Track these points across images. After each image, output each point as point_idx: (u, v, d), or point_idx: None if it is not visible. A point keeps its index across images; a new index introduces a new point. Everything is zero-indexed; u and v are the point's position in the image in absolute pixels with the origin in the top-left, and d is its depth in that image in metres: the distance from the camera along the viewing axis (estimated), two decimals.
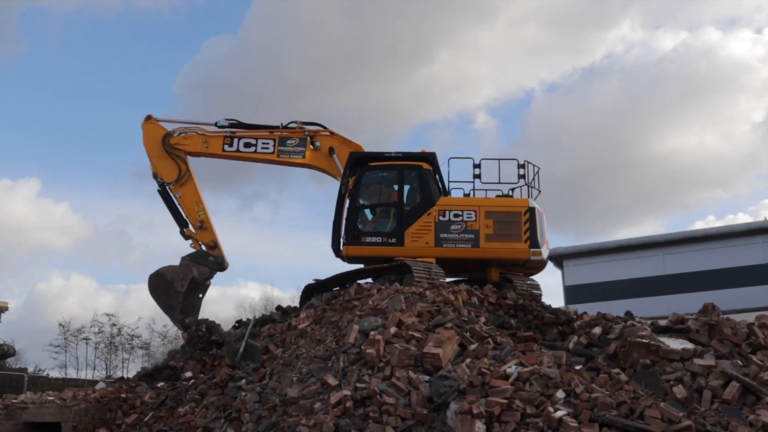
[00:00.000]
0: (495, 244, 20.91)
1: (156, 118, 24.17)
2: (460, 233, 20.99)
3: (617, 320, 16.95)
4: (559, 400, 12.09)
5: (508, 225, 21.05)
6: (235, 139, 23.67)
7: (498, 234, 20.92)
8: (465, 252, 20.96)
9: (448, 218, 21.20)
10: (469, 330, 15.49)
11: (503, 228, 20.98)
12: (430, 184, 21.80)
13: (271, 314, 22.61)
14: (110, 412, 18.28)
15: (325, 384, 14.25)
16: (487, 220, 20.99)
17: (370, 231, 22.19)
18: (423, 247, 21.15)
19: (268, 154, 23.51)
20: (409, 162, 22.27)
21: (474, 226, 20.99)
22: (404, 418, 12.61)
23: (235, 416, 15.15)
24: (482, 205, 21.41)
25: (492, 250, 20.95)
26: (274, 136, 23.48)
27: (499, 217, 21.11)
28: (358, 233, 22.04)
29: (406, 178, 22.16)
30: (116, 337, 55.23)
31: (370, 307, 17.23)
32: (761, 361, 13.42)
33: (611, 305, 28.28)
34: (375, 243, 21.93)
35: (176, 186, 23.86)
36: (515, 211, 21.29)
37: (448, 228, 21.10)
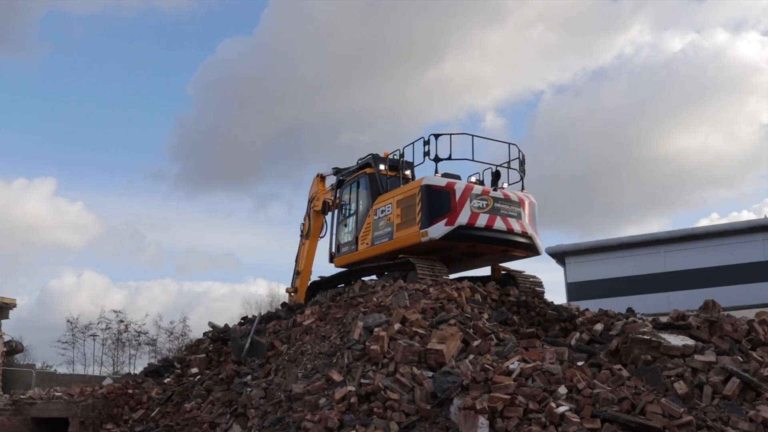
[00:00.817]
0: (402, 232, 20.41)
1: (323, 175, 26.59)
2: (384, 228, 21.02)
3: (619, 317, 16.94)
4: (561, 395, 12.09)
5: (409, 209, 20.39)
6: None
7: (404, 221, 20.41)
8: (385, 246, 20.87)
9: (379, 216, 21.36)
10: (473, 326, 15.50)
11: (406, 214, 20.38)
12: (371, 187, 22.18)
13: (276, 311, 22.69)
14: (117, 407, 18.32)
15: (329, 380, 14.26)
16: (398, 209, 20.67)
17: (344, 241, 23.14)
18: (365, 249, 21.58)
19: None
20: (359, 171, 22.93)
21: (391, 218, 20.83)
22: (408, 413, 12.62)
23: (240, 412, 15.17)
24: (395, 195, 21.13)
25: (400, 239, 20.47)
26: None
27: (404, 203, 20.58)
28: (339, 245, 23.29)
29: (360, 186, 22.78)
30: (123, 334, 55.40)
31: (375, 303, 17.26)
32: (761, 357, 13.42)
33: (613, 302, 28.39)
34: (345, 252, 22.82)
35: (303, 237, 26.82)
36: (412, 194, 20.50)
37: (379, 225, 21.25)
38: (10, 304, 33.77)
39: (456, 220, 19.76)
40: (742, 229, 38.20)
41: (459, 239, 19.99)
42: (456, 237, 19.87)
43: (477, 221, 20.08)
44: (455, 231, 19.76)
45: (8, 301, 33.62)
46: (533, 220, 21.59)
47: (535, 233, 21.51)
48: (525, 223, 21.15)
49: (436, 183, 20.10)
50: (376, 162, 22.54)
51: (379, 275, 21.27)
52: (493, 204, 20.55)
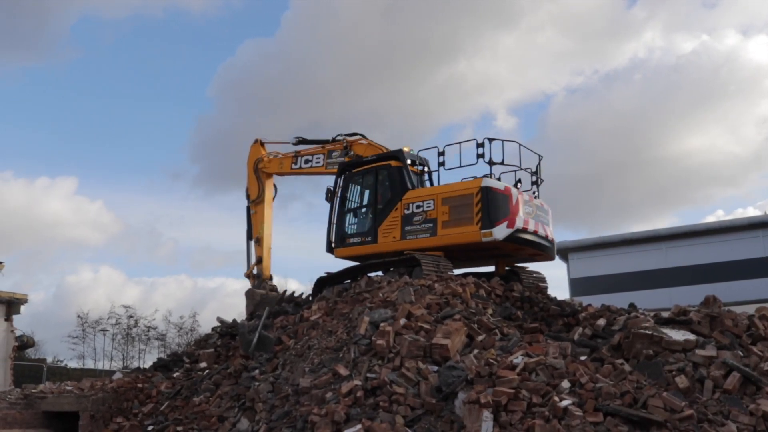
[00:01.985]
0: (450, 230, 20.38)
1: (262, 141, 26.87)
2: (421, 224, 20.87)
3: (621, 312, 16.92)
4: (564, 389, 12.11)
5: (462, 209, 20.35)
6: (299, 158, 25.51)
7: (453, 219, 20.39)
8: (424, 242, 20.73)
9: (412, 211, 21.17)
10: (477, 321, 15.52)
11: (457, 213, 20.38)
12: (397, 180, 21.91)
13: (284, 306, 22.66)
14: (127, 401, 18.37)
15: (336, 374, 14.29)
16: (444, 207, 20.60)
17: (353, 232, 22.81)
18: (391, 242, 21.35)
19: (320, 168, 24.93)
20: (381, 162, 22.59)
21: (433, 214, 20.72)
22: (414, 407, 12.65)
23: (248, 405, 15.20)
24: (439, 192, 21.09)
25: (447, 237, 20.43)
26: (324, 150, 24.77)
27: (454, 202, 20.57)
28: (344, 235, 22.77)
29: (379, 178, 22.42)
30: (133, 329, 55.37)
31: (381, 299, 17.27)
32: (761, 351, 13.42)
33: (615, 297, 28.29)
34: (356, 243, 22.46)
35: (253, 204, 26.49)
36: (467, 193, 20.47)
37: (412, 220, 21.06)
38: (21, 299, 33.74)
39: (515, 223, 20.07)
40: (742, 226, 38.12)
41: (516, 242, 20.22)
42: (514, 239, 20.10)
43: (528, 226, 20.56)
44: (513, 234, 20.02)
45: (20, 296, 33.62)
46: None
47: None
48: (550, 229, 21.87)
49: (496, 186, 20.30)
50: (404, 156, 22.45)
51: (385, 271, 21.21)
52: (536, 210, 21.16)
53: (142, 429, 16.86)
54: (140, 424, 17.12)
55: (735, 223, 38.77)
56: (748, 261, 36.80)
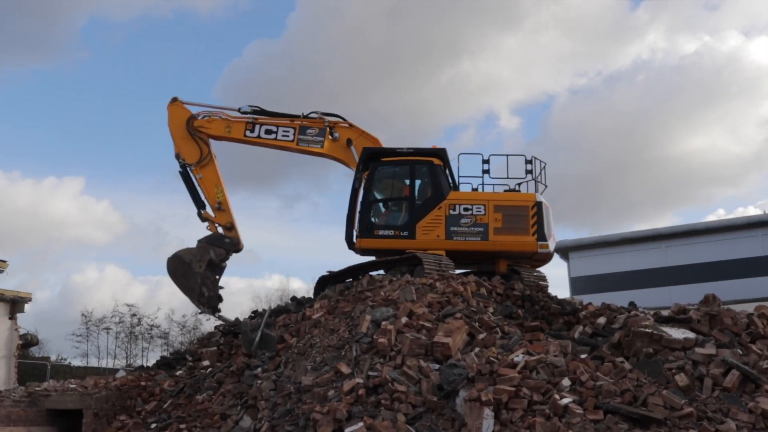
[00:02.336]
0: (503, 237, 20.84)
1: (182, 101, 24.05)
2: (470, 226, 20.93)
3: (621, 310, 16.96)
4: (565, 387, 12.14)
5: (517, 218, 20.98)
6: (257, 126, 23.51)
7: (506, 227, 20.87)
8: (475, 245, 20.91)
9: (458, 212, 21.13)
10: (478, 320, 15.53)
11: (511, 221, 20.92)
12: (440, 179, 21.72)
13: (286, 305, 22.66)
14: (130, 399, 18.36)
15: (338, 372, 14.29)
16: (496, 214, 20.95)
17: (383, 224, 22.13)
18: (434, 240, 21.10)
19: (287, 142, 23.37)
20: (420, 158, 22.20)
21: (483, 219, 20.92)
22: (415, 405, 12.67)
23: (251, 403, 15.20)
24: (491, 199, 21.36)
25: (501, 243, 20.86)
26: (295, 125, 23.35)
27: (508, 211, 21.04)
28: (371, 226, 21.99)
29: (417, 173, 22.13)
30: (136, 327, 55.37)
31: (382, 297, 17.27)
32: (760, 350, 13.45)
33: (615, 296, 28.26)
34: (387, 236, 21.84)
35: (197, 167, 23.75)
36: (523, 205, 21.22)
37: (458, 221, 21.01)
38: (25, 298, 33.76)
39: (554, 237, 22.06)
40: (742, 225, 38.17)
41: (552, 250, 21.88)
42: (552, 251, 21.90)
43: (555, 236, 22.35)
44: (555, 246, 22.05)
45: (24, 295, 33.63)
46: None
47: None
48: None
49: (545, 202, 21.61)
50: (447, 156, 22.40)
51: (387, 270, 21.15)
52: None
53: (146, 427, 16.85)
54: (143, 422, 17.12)
55: (734, 222, 38.85)
56: (747, 260, 36.85)
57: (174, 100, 24.11)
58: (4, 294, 32.63)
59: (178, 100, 24.09)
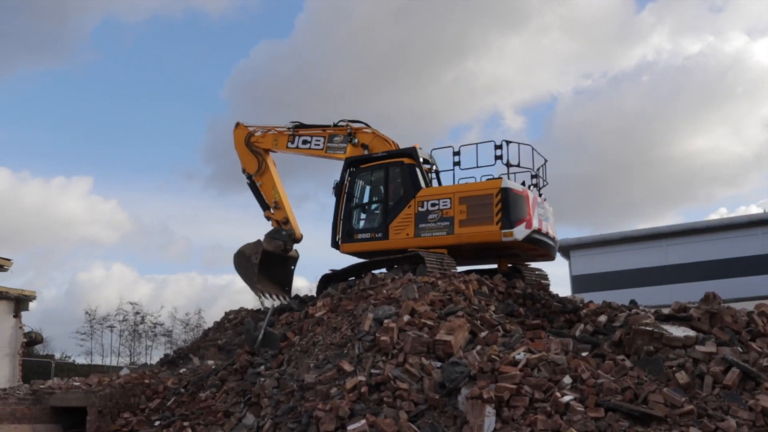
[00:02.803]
0: (468, 228, 20.33)
1: (243, 124, 26.95)
2: (437, 221, 20.71)
3: (622, 309, 16.95)
4: (566, 385, 12.13)
5: (481, 208, 20.30)
6: (296, 137, 25.51)
7: (471, 218, 20.33)
8: (440, 240, 20.62)
9: (426, 208, 21.02)
10: (480, 318, 15.53)
11: (476, 212, 20.35)
12: (411, 178, 21.74)
13: (288, 303, 22.68)
14: (134, 396, 18.37)
15: (341, 370, 14.29)
16: (461, 206, 20.49)
17: (361, 228, 22.58)
18: (404, 239, 21.20)
19: (318, 150, 24.95)
20: (392, 159, 22.41)
21: (449, 213, 20.61)
22: (417, 402, 12.66)
23: (254, 401, 15.21)
24: (456, 191, 20.98)
25: (466, 235, 20.37)
26: (326, 134, 24.73)
27: (472, 201, 20.53)
28: (351, 231, 22.51)
29: (390, 175, 22.26)
30: (140, 325, 55.49)
31: (384, 296, 17.28)
32: (760, 347, 13.44)
33: (616, 294, 28.32)
34: (365, 239, 22.26)
35: (257, 176, 26.47)
36: (487, 193, 20.44)
37: (426, 218, 20.91)
38: (29, 296, 33.82)
39: (532, 224, 20.29)
40: (742, 224, 38.20)
41: (531, 242, 20.37)
42: (531, 240, 20.27)
43: (542, 227, 20.85)
44: (531, 234, 20.19)
45: (28, 293, 33.69)
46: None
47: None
48: (554, 228, 22.05)
49: (515, 187, 20.41)
50: (418, 154, 22.32)
51: (389, 268, 21.17)
52: (546, 211, 21.46)
53: (149, 424, 16.87)
54: (147, 420, 17.13)
55: (734, 221, 38.87)
56: (747, 258, 36.88)
57: (237, 125, 27.14)
58: (9, 292, 32.70)
59: (241, 124, 27.04)
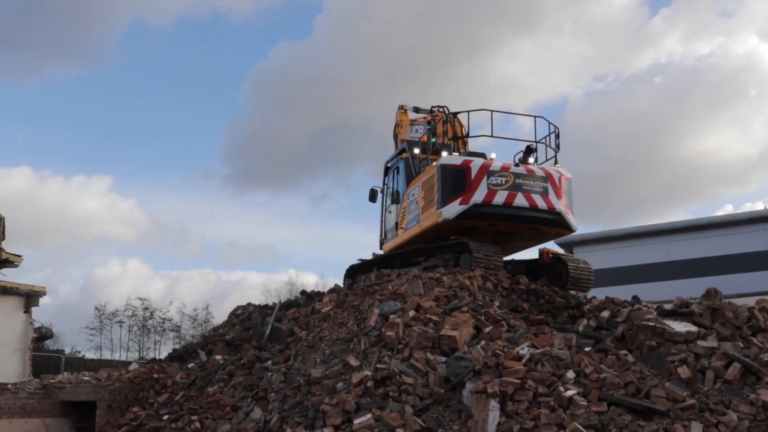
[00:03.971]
0: (424, 214, 19.58)
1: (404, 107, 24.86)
2: (414, 211, 20.31)
3: (624, 304, 16.93)
4: (569, 380, 12.14)
5: (430, 191, 19.46)
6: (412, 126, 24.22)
7: (426, 203, 19.58)
8: (412, 231, 20.18)
9: (411, 200, 20.68)
10: (484, 313, 15.53)
11: (428, 195, 19.53)
12: (407, 171, 21.59)
13: (295, 298, 22.71)
14: (143, 391, 18.39)
15: (347, 365, 14.31)
16: (423, 192, 19.83)
17: (389, 227, 22.57)
18: (402, 233, 21.06)
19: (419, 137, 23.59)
20: (399, 156, 22.44)
21: (419, 201, 20.09)
22: (422, 397, 12.68)
23: (261, 395, 15.22)
24: (421, 177, 20.33)
25: (423, 222, 19.70)
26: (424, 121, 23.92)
27: (426, 185, 19.77)
28: (385, 232, 22.64)
29: (398, 172, 22.28)
30: (148, 321, 55.59)
31: (390, 291, 17.28)
32: (761, 342, 13.43)
33: (619, 290, 28.31)
34: (391, 237, 22.27)
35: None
36: (432, 175, 19.55)
37: (410, 209, 20.60)
38: (39, 292, 33.87)
39: (471, 199, 18.77)
40: (743, 220, 38.19)
41: (475, 218, 19.01)
42: (471, 216, 18.92)
43: (494, 198, 18.92)
44: (470, 209, 18.80)
45: (38, 289, 33.74)
46: (566, 195, 20.19)
47: (566, 209, 20.13)
48: (552, 198, 19.75)
49: (451, 162, 19.28)
50: (410, 146, 21.86)
51: (427, 258, 20.50)
52: (513, 180, 19.23)
53: (158, 418, 16.88)
54: (156, 414, 17.13)
55: (736, 218, 38.87)
56: (748, 254, 36.90)
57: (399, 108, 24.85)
58: (19, 288, 32.75)
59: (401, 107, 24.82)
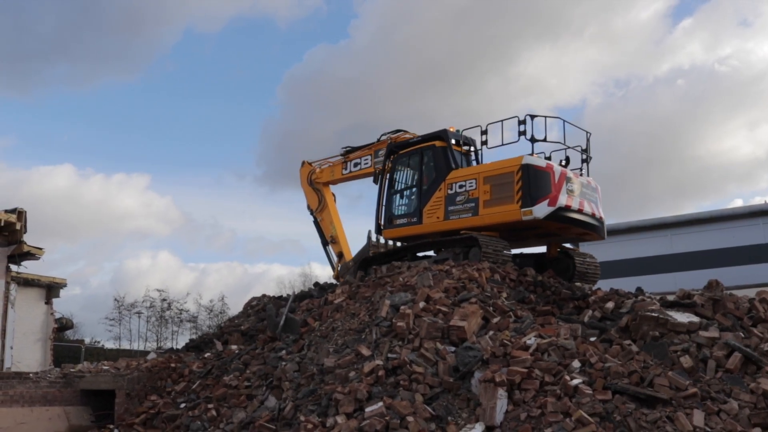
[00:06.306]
0: (491, 209, 19.48)
1: (308, 162, 26.89)
2: (464, 203, 20.04)
3: (629, 296, 16.93)
4: (575, 369, 12.15)
5: (503, 187, 19.31)
6: (348, 162, 25.26)
7: (495, 198, 19.43)
8: (466, 222, 19.90)
9: (455, 190, 20.37)
10: (492, 305, 15.53)
11: (499, 191, 19.40)
12: (441, 161, 21.20)
13: (309, 290, 22.72)
14: (161, 380, 18.47)
15: (359, 354, 14.34)
16: (485, 186, 19.65)
17: (400, 213, 22.02)
18: (434, 222, 20.66)
19: (368, 168, 24.44)
20: (425, 143, 21.91)
21: (475, 194, 19.83)
22: (432, 386, 12.70)
23: (276, 384, 15.26)
24: (481, 171, 20.19)
25: (488, 216, 19.51)
26: (371, 152, 24.34)
27: (495, 181, 19.60)
28: (391, 216, 22.04)
29: (424, 159, 21.76)
30: (166, 311, 55.69)
31: (401, 283, 17.29)
32: (761, 333, 13.41)
33: (623, 282, 28.35)
34: (403, 224, 21.73)
35: (317, 212, 26.44)
36: (508, 171, 19.38)
37: (455, 200, 20.28)
38: (60, 283, 34.02)
39: (557, 201, 19.07)
40: (743, 214, 38.09)
41: (558, 220, 19.25)
42: (556, 218, 19.15)
43: (572, 204, 19.49)
44: (556, 212, 19.05)
45: (59, 280, 33.89)
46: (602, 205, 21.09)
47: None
48: (600, 208, 20.86)
49: (537, 163, 19.26)
50: (448, 136, 21.63)
51: (437, 251, 20.81)
52: (581, 188, 20.06)
53: (175, 406, 16.93)
54: (173, 402, 17.19)
55: (737, 212, 38.74)
56: (749, 247, 36.79)
57: (303, 164, 27.06)
58: (40, 280, 32.87)
59: (306, 163, 26.96)
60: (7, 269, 24.36)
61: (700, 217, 39.45)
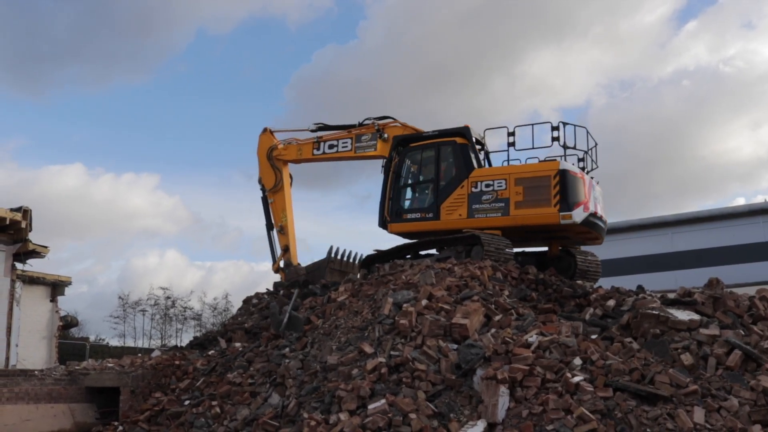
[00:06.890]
0: (524, 210, 19.53)
1: (271, 130, 25.76)
2: (492, 202, 19.94)
3: (630, 294, 16.91)
4: (576, 366, 12.16)
5: (538, 190, 19.47)
6: (322, 143, 24.39)
7: (528, 200, 19.51)
8: (495, 221, 19.84)
9: (480, 189, 20.23)
10: (494, 302, 15.53)
11: (533, 193, 19.53)
12: (463, 158, 20.98)
13: (312, 288, 22.68)
14: (165, 377, 18.47)
15: (362, 352, 14.35)
16: (517, 187, 19.65)
17: (411, 208, 21.78)
18: (456, 220, 20.45)
19: (347, 152, 23.90)
20: (444, 138, 21.63)
21: (504, 194, 19.79)
22: (434, 383, 12.72)
23: (279, 381, 15.27)
24: (512, 172, 20.14)
25: (521, 217, 19.58)
26: (352, 135, 23.78)
27: (529, 183, 19.69)
28: (400, 211, 21.73)
29: (442, 154, 21.47)
30: (170, 309, 55.65)
31: (403, 281, 17.29)
32: (761, 330, 13.43)
33: (624, 280, 28.29)
34: (414, 219, 21.49)
35: (270, 193, 25.52)
36: (545, 175, 19.57)
37: (480, 199, 20.13)
38: (65, 281, 34.04)
39: (589, 207, 19.60)
40: (743, 213, 38.12)
41: (588, 225, 19.63)
42: (587, 223, 19.56)
43: (598, 210, 20.12)
44: (588, 217, 19.52)
45: (64, 279, 33.91)
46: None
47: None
48: (605, 211, 21.24)
49: (573, 170, 19.68)
50: (471, 134, 21.46)
51: (440, 249, 20.73)
52: (600, 194, 20.75)
53: (179, 403, 16.95)
54: (177, 399, 17.21)
55: (737, 210, 38.79)
56: (749, 245, 36.85)
57: (264, 130, 25.86)
58: (46, 278, 32.87)
59: (268, 130, 25.79)
60: (12, 267, 24.38)
61: (700, 216, 39.50)
